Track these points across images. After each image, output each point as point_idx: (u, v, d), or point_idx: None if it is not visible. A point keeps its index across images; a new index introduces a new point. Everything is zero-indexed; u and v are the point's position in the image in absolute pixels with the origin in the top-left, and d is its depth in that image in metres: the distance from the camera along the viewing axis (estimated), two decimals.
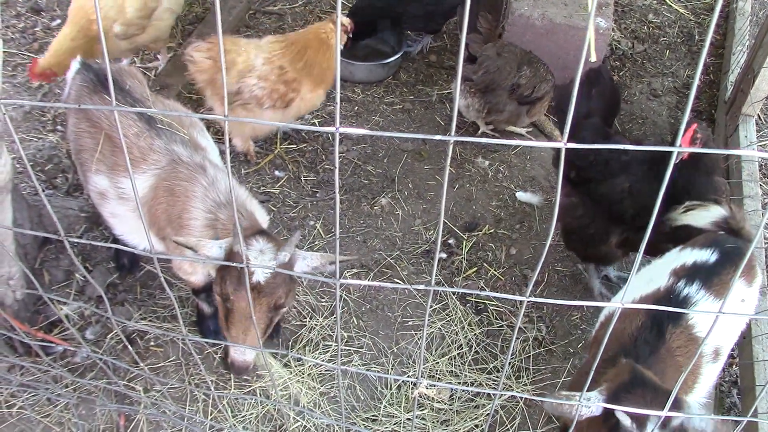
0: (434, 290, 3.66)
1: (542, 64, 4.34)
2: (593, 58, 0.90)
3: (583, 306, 3.66)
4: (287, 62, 3.87)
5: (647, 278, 2.74)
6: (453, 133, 0.87)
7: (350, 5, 5.21)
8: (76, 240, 1.25)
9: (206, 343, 3.34)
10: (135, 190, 1.24)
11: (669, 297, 2.56)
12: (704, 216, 2.89)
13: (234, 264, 1.79)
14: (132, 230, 3.00)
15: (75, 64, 3.10)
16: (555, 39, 4.62)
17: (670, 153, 0.96)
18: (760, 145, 4.38)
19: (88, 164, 2.94)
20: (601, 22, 4.59)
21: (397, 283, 3.68)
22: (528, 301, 1.03)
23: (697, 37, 5.51)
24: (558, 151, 3.64)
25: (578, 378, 2.76)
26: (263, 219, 2.90)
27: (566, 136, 0.93)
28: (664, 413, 1.53)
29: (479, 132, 4.58)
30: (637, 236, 3.29)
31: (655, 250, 3.04)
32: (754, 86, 4.15)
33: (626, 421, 1.98)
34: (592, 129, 3.36)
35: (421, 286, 1.10)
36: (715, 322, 1.23)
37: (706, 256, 2.66)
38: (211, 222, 2.67)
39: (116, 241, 3.21)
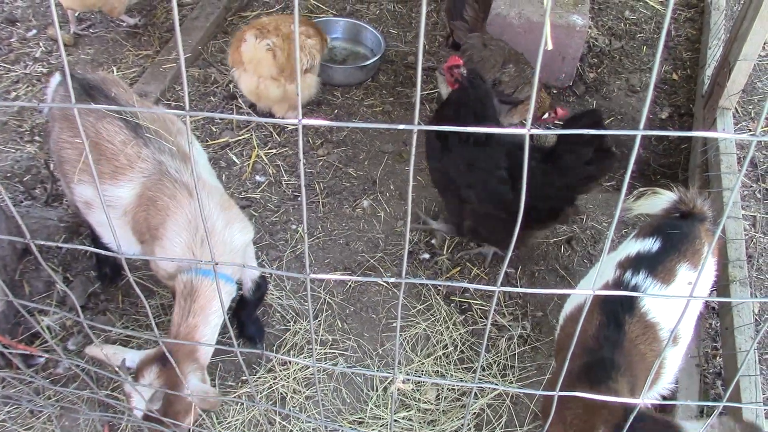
0: (411, 286, 3.67)
1: (530, 66, 4.30)
2: (549, 47, 0.91)
3: None
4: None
5: (599, 273, 2.76)
6: (417, 121, 0.87)
7: (312, 8, 5.40)
8: (43, 242, 1.24)
9: None
10: (100, 194, 1.23)
11: (618, 289, 2.58)
12: (656, 203, 2.91)
13: None
14: (120, 237, 2.99)
15: (56, 77, 3.12)
16: (533, 38, 4.64)
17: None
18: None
19: (71, 175, 2.92)
20: (578, 20, 4.61)
21: (379, 284, 3.68)
22: (499, 291, 1.03)
23: (673, 33, 5.55)
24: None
25: (551, 388, 2.76)
26: (244, 238, 2.88)
27: (529, 122, 0.93)
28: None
29: None
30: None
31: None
32: (730, 79, 4.17)
33: None
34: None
35: (393, 278, 1.10)
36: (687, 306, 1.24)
37: (649, 245, 2.69)
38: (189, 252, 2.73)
39: (97, 247, 3.20)
